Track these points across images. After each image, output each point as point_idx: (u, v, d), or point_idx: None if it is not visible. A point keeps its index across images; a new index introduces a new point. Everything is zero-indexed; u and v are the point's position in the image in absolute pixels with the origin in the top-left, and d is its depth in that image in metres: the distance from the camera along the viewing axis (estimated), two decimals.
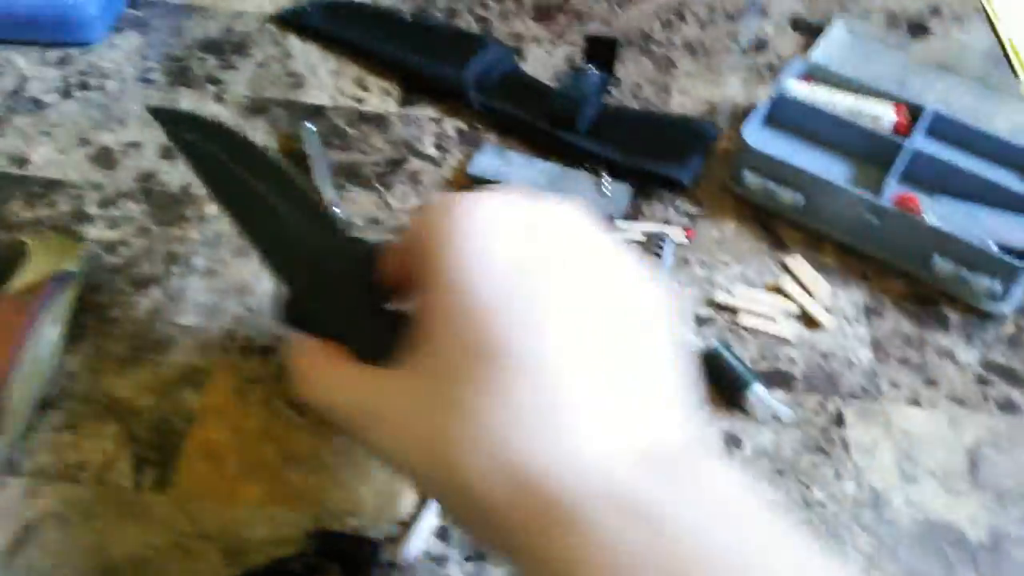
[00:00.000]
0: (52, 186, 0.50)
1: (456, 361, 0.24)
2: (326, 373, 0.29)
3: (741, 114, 0.58)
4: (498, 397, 0.23)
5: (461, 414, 0.24)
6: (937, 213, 0.48)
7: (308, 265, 0.32)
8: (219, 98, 0.57)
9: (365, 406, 0.27)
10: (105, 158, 0.52)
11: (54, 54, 0.58)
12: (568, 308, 0.25)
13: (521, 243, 0.26)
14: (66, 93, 0.56)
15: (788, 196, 0.50)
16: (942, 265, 0.46)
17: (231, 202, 0.35)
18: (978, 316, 0.48)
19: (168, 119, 0.40)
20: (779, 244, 0.51)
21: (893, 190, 0.49)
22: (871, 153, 0.52)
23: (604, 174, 0.52)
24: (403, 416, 0.25)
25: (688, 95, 0.60)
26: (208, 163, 0.36)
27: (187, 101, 0.56)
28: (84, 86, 0.56)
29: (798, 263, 0.49)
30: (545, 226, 0.26)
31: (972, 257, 0.46)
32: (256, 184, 0.35)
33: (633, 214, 0.52)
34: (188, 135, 0.38)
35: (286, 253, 0.32)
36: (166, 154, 0.53)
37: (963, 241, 0.46)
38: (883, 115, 0.53)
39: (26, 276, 0.44)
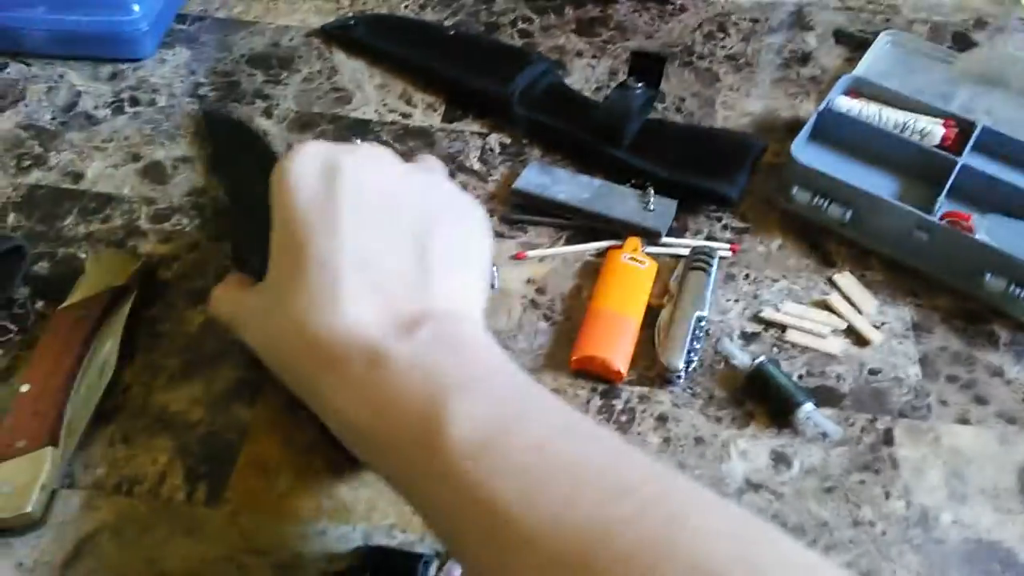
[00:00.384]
0: (106, 201, 0.51)
1: (281, 268, 0.34)
2: (225, 294, 0.39)
3: (785, 128, 0.58)
4: (302, 285, 0.32)
5: (282, 306, 0.33)
6: (987, 230, 0.48)
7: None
8: (268, 113, 0.57)
9: (237, 314, 0.37)
10: (157, 173, 0.53)
11: (106, 69, 0.60)
12: (353, 217, 0.33)
13: (322, 175, 0.34)
14: (118, 108, 0.57)
15: (836, 211, 0.49)
16: (992, 282, 0.46)
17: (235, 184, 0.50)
18: None
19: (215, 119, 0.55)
20: (826, 260, 0.51)
21: (943, 207, 0.49)
22: (919, 169, 0.52)
23: (650, 189, 0.52)
24: (254, 317, 0.36)
25: (732, 109, 0.60)
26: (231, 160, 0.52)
27: (236, 115, 0.57)
28: (135, 101, 0.58)
29: (846, 279, 0.49)
30: (345, 161, 0.35)
31: (1023, 274, 0.45)
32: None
33: (678, 229, 0.52)
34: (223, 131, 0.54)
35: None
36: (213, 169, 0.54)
37: (1014, 258, 0.45)
38: (931, 130, 0.52)
39: (82, 291, 0.45)
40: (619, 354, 0.44)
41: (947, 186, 0.49)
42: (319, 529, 0.38)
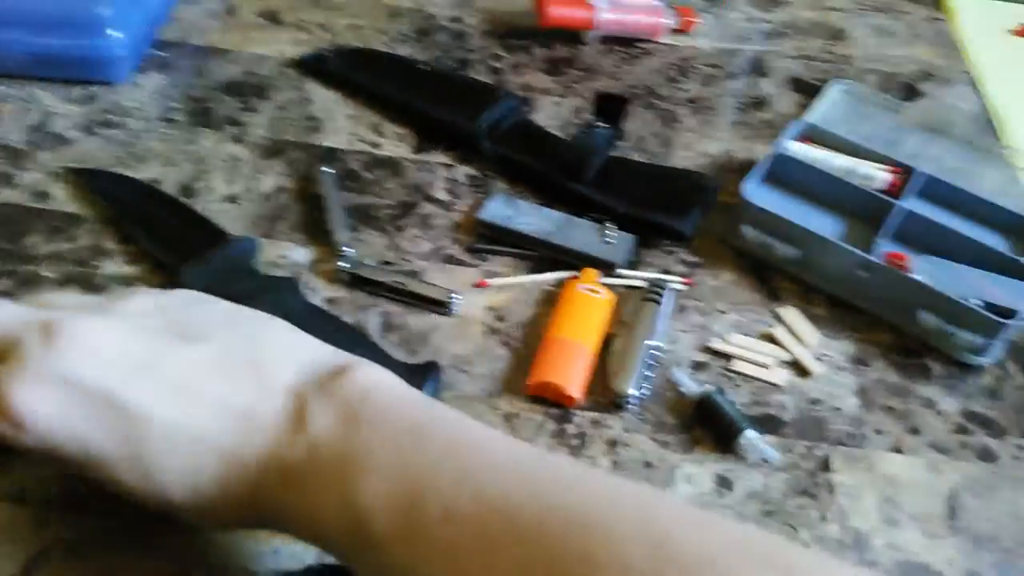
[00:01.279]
0: (72, 220, 0.52)
1: None
2: None
3: (740, 169, 0.61)
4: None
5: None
6: (924, 270, 0.50)
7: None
8: (238, 139, 0.59)
9: None
10: None
11: (79, 92, 0.61)
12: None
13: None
14: (88, 130, 0.58)
15: (784, 250, 0.52)
16: (927, 319, 0.48)
17: (134, 223, 0.51)
18: (960, 368, 0.50)
19: (84, 174, 0.55)
20: (773, 295, 0.53)
21: (884, 247, 0.51)
22: (864, 212, 0.54)
23: (608, 223, 0.54)
24: None
25: (690, 149, 0.63)
26: (116, 200, 0.53)
27: (208, 141, 0.58)
28: (107, 124, 0.59)
29: (791, 314, 0.51)
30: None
31: (956, 313, 0.48)
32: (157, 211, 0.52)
33: (635, 263, 0.54)
34: (100, 184, 0.54)
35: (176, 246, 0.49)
36: (184, 192, 0.55)
37: (947, 297, 0.48)
38: (876, 176, 0.55)
39: None
40: (573, 380, 0.45)
41: (886, 228, 0.52)
42: (273, 547, 0.39)
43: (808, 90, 0.69)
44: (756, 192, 0.55)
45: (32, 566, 0.37)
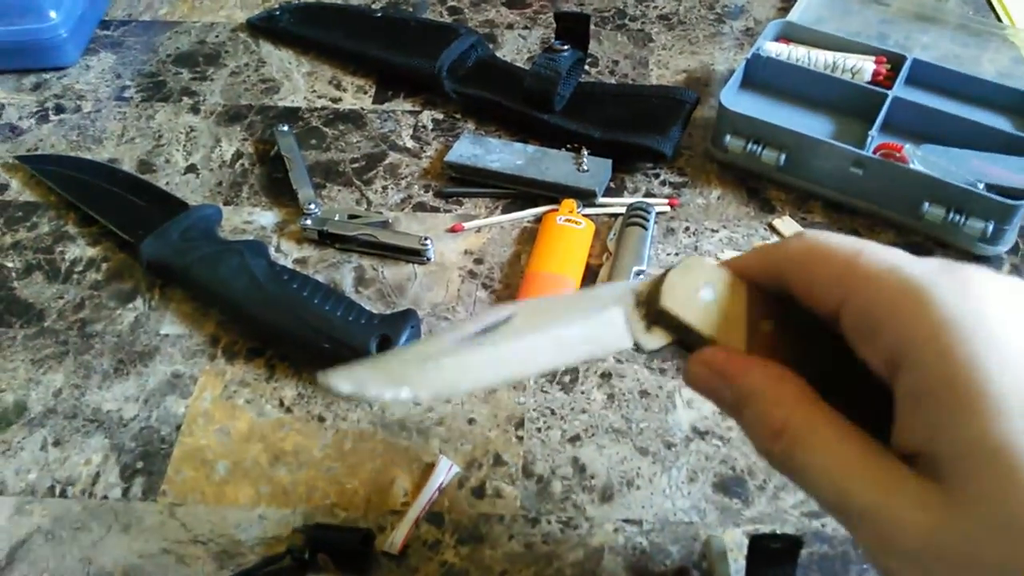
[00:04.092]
0: (31, 209, 0.50)
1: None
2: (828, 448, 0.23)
3: (721, 81, 0.58)
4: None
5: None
6: (923, 159, 0.47)
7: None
8: (195, 109, 0.56)
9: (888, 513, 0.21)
10: None
11: (29, 80, 0.59)
12: None
13: None
14: (42, 117, 0.56)
15: (770, 156, 0.49)
16: (932, 211, 0.45)
17: (92, 204, 0.49)
18: (973, 260, 0.46)
19: (35, 161, 0.53)
20: (766, 206, 0.50)
21: (876, 140, 0.48)
22: (853, 106, 0.51)
23: (583, 151, 0.51)
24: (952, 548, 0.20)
25: (667, 67, 0.60)
26: (71, 183, 0.50)
27: (163, 115, 0.56)
28: (60, 109, 0.57)
29: (785, 223, 0.48)
30: None
31: (962, 200, 0.44)
32: (115, 190, 0.50)
33: (617, 189, 0.51)
34: (53, 169, 0.52)
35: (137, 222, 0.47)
36: (143, 168, 0.53)
37: (952, 185, 0.44)
38: (862, 67, 0.52)
39: None
40: None
41: (879, 120, 0.48)
42: (259, 514, 0.38)
43: None
44: (736, 99, 0.52)
45: (14, 556, 0.36)
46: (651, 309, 0.25)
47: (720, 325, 0.25)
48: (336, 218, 0.48)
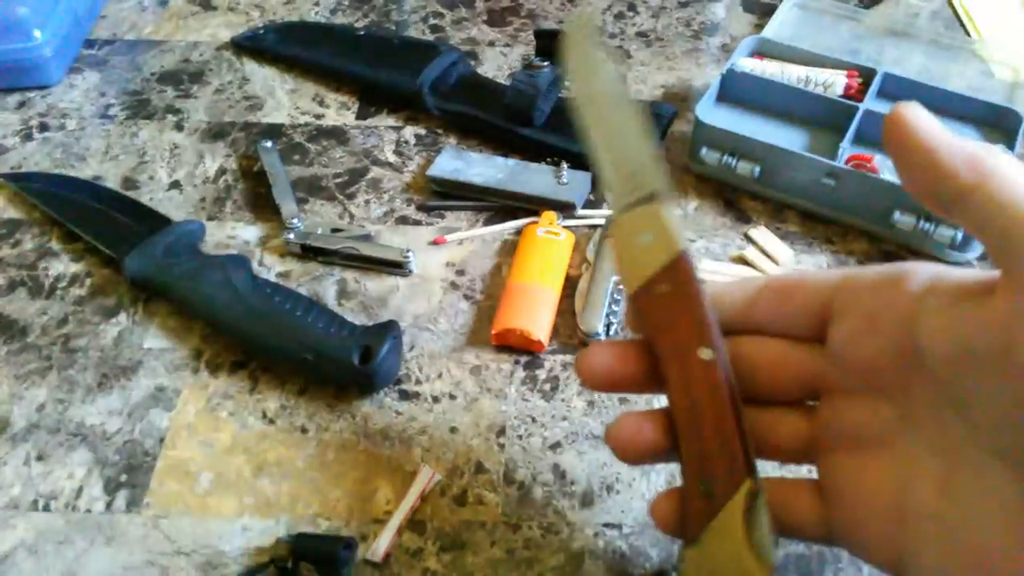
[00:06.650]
0: (15, 226, 0.51)
1: None
2: None
3: (698, 96, 0.59)
4: None
5: None
6: (891, 169, 0.48)
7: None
8: (179, 126, 0.57)
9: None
10: None
11: (13, 99, 0.59)
12: None
13: None
14: (27, 136, 0.57)
15: (745, 168, 0.50)
16: (902, 220, 0.46)
17: (75, 221, 0.49)
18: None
19: (19, 179, 0.53)
20: (742, 216, 0.51)
21: (848, 152, 0.49)
22: (825, 119, 0.52)
23: (563, 164, 0.52)
24: None
25: (644, 82, 0.61)
26: (55, 200, 0.51)
27: (147, 132, 0.57)
28: (44, 127, 0.57)
29: (761, 233, 0.49)
30: None
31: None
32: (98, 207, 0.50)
33: (597, 201, 0.52)
34: (37, 186, 0.52)
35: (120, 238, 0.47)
36: (128, 185, 0.53)
37: None
38: (834, 81, 0.53)
39: None
40: (538, 324, 0.44)
41: (850, 132, 0.50)
42: (242, 525, 0.38)
43: (762, 10, 0.67)
44: (711, 113, 0.53)
45: None
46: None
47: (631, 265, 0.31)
48: (319, 232, 0.49)
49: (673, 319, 0.30)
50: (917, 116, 0.27)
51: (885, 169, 0.48)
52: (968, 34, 0.65)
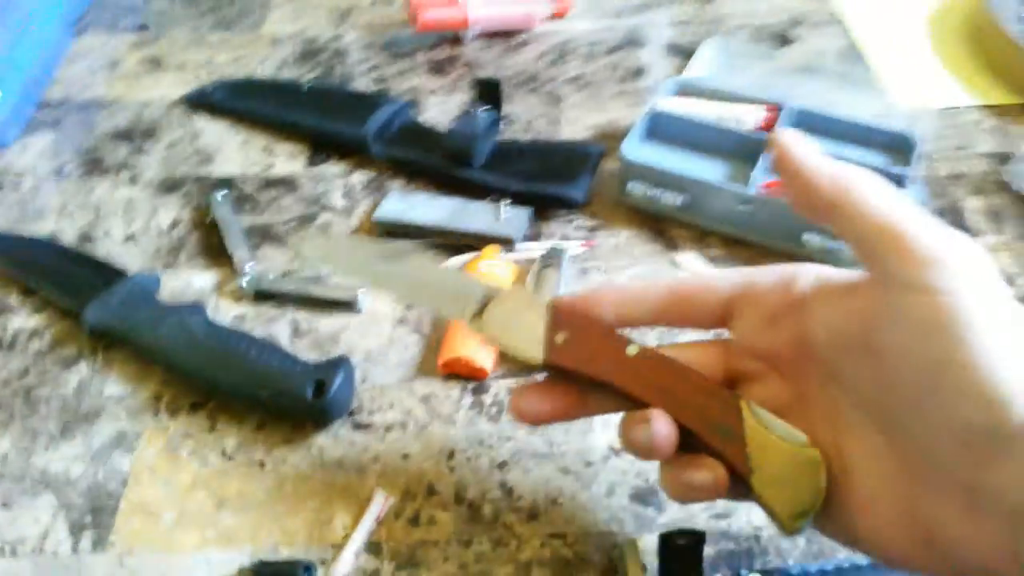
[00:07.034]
0: None
1: None
2: None
3: (625, 134, 0.63)
4: None
5: None
6: None
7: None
8: (133, 181, 0.59)
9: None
10: None
11: None
12: None
13: None
14: None
15: (670, 199, 0.54)
16: (811, 239, 0.50)
17: (33, 277, 0.52)
18: None
19: None
20: (670, 243, 0.55)
21: (760, 180, 0.53)
22: (741, 152, 0.57)
23: (502, 202, 0.55)
24: None
25: (576, 124, 0.65)
26: (12, 258, 0.53)
27: (102, 188, 0.59)
28: None
29: (688, 258, 0.53)
30: None
31: None
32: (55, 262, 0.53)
33: (535, 236, 0.55)
34: None
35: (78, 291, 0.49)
36: (84, 240, 0.55)
37: None
38: (747, 116, 0.58)
39: None
40: (482, 352, 0.47)
41: (761, 162, 0.54)
42: (206, 558, 0.39)
43: (685, 54, 0.72)
44: (636, 150, 0.57)
45: None
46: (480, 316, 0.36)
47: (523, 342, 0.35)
48: (271, 276, 0.51)
49: (589, 346, 0.34)
50: (791, 141, 0.31)
51: None
52: (870, 68, 0.70)
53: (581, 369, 0.34)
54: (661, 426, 0.31)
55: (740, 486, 0.31)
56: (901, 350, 0.27)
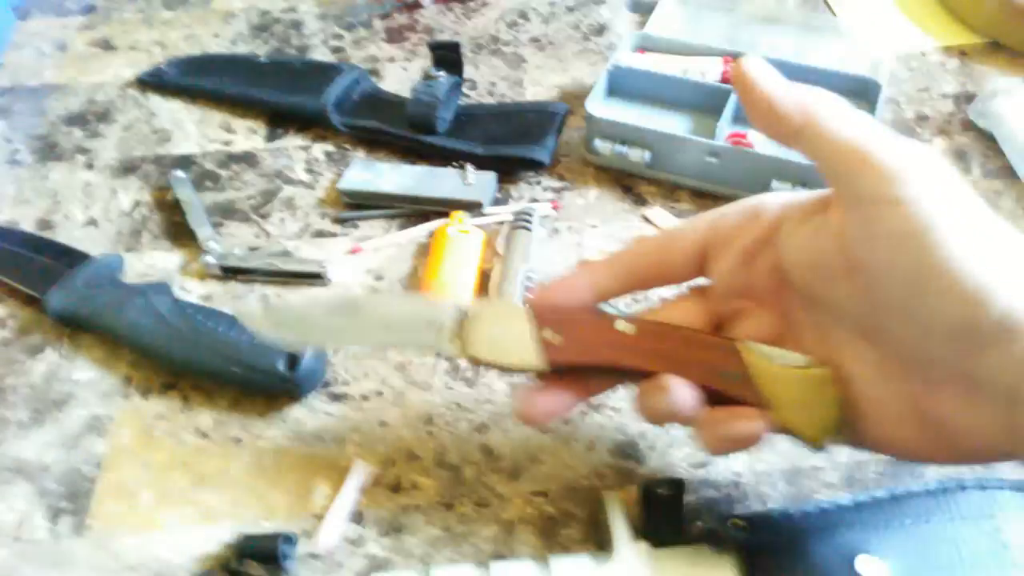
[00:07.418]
0: None
1: None
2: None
3: (588, 92, 0.62)
4: None
5: None
6: (765, 142, 0.52)
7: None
8: (89, 165, 0.58)
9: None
10: None
11: None
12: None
13: None
14: None
15: (636, 155, 0.53)
16: (779, 187, 0.50)
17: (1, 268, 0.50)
18: None
19: None
20: (639, 200, 0.55)
21: (726, 131, 0.53)
22: (705, 104, 0.56)
23: (468, 166, 0.55)
24: None
25: (540, 85, 0.64)
26: None
27: (58, 174, 0.57)
28: None
29: (658, 214, 0.53)
30: None
31: (803, 175, 0.50)
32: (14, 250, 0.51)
33: (503, 199, 0.55)
34: None
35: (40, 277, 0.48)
36: (43, 226, 0.54)
37: (792, 162, 0.50)
38: (710, 69, 0.57)
39: None
40: None
41: (726, 113, 0.54)
42: (187, 535, 0.39)
43: (646, 8, 0.71)
44: (600, 107, 0.56)
45: None
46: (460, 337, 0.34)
47: (517, 354, 0.34)
48: (237, 252, 0.50)
49: (582, 336, 0.34)
50: (757, 69, 0.31)
51: (762, 144, 0.52)
52: (834, 14, 0.70)
53: (583, 360, 0.33)
54: (679, 390, 0.31)
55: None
56: (877, 263, 0.28)
